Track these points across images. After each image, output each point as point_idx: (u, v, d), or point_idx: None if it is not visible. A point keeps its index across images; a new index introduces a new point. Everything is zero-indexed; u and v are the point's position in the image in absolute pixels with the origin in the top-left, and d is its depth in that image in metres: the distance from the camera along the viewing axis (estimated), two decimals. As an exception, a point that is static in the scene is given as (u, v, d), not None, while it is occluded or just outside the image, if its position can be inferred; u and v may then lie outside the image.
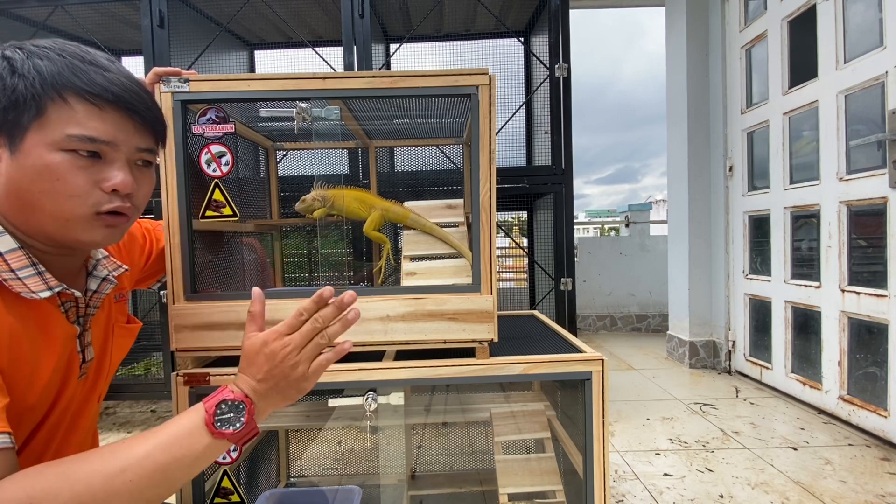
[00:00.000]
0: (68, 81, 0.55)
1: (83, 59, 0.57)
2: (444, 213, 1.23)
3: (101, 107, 0.56)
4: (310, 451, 1.73)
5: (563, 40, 1.95)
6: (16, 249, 0.57)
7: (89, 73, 0.56)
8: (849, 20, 1.97)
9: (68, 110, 0.55)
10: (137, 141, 0.60)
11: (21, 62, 0.54)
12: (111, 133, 0.57)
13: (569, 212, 1.98)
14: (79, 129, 0.55)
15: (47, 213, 0.56)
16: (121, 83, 0.58)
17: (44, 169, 0.54)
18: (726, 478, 1.58)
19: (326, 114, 0.96)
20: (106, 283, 0.69)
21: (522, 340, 1.09)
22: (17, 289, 0.56)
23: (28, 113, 0.54)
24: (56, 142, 0.54)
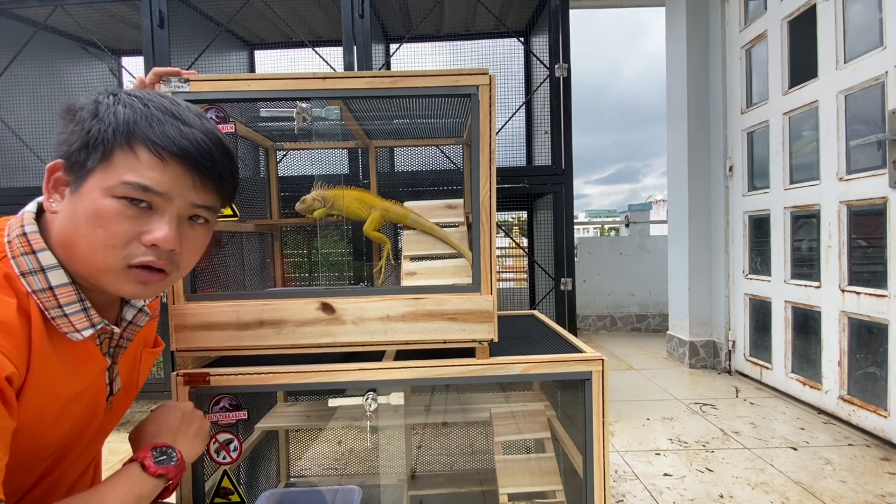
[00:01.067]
0: (140, 131, 0.54)
1: (165, 111, 0.56)
2: (444, 213, 1.23)
3: (164, 159, 0.55)
4: (310, 451, 1.73)
5: (563, 40, 1.95)
6: (67, 284, 0.56)
7: (165, 124, 0.55)
8: (849, 20, 1.97)
9: (133, 159, 0.54)
10: (195, 197, 0.58)
11: (105, 107, 0.55)
12: (167, 185, 0.55)
13: (569, 212, 1.98)
14: (135, 176, 0.54)
15: (82, 257, 0.55)
16: (193, 138, 0.57)
17: (93, 213, 0.54)
18: (726, 478, 1.58)
19: (326, 114, 0.96)
20: (142, 315, 0.68)
21: (522, 340, 1.09)
22: (64, 329, 0.56)
23: (95, 155, 0.54)
24: (111, 187, 0.54)
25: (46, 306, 0.55)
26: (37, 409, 0.54)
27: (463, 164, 1.48)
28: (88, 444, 0.66)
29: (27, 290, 0.54)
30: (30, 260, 0.55)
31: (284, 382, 0.86)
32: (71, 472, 0.66)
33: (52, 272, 0.55)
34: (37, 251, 0.55)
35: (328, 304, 0.87)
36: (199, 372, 0.86)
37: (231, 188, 0.63)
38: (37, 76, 2.19)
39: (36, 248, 0.55)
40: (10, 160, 2.16)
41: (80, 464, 0.67)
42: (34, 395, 0.53)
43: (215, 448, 0.92)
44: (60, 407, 0.57)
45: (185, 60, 2.06)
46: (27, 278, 0.54)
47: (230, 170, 0.61)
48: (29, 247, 0.55)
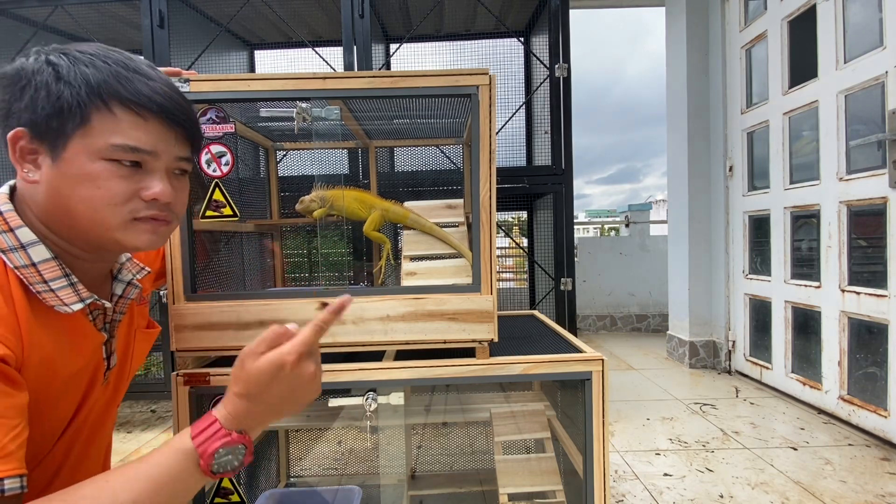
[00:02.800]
0: (114, 90, 0.55)
1: (127, 67, 0.57)
2: (444, 213, 1.23)
3: (145, 117, 0.56)
4: (310, 451, 1.73)
5: (563, 40, 1.95)
6: (49, 260, 0.57)
7: (134, 81, 0.56)
8: (849, 20, 1.97)
9: (112, 119, 0.55)
10: (177, 150, 0.61)
11: (67, 69, 0.54)
12: (153, 143, 0.57)
13: (569, 212, 1.98)
14: (122, 138, 0.55)
15: (87, 220, 0.56)
16: (164, 93, 0.58)
17: (85, 177, 0.54)
18: (726, 478, 1.58)
19: (326, 114, 0.96)
20: (131, 288, 0.69)
21: (522, 340, 1.09)
22: (51, 302, 0.56)
23: (73, 121, 0.53)
24: (98, 150, 0.54)
25: (31, 281, 0.55)
26: (37, 387, 0.54)
27: (463, 164, 1.48)
28: (96, 424, 0.66)
29: (8, 266, 0.54)
30: (8, 237, 0.55)
31: (284, 382, 0.86)
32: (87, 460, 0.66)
33: (33, 248, 0.56)
34: (14, 228, 0.56)
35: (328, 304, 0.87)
36: (199, 372, 0.86)
37: (199, 135, 0.65)
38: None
39: (13, 226, 0.56)
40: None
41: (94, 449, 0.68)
42: (32, 374, 0.53)
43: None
44: (61, 383, 0.58)
45: (185, 60, 2.06)
46: (7, 255, 0.55)
47: (196, 117, 0.64)
48: (6, 224, 0.55)
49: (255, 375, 0.53)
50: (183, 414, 0.86)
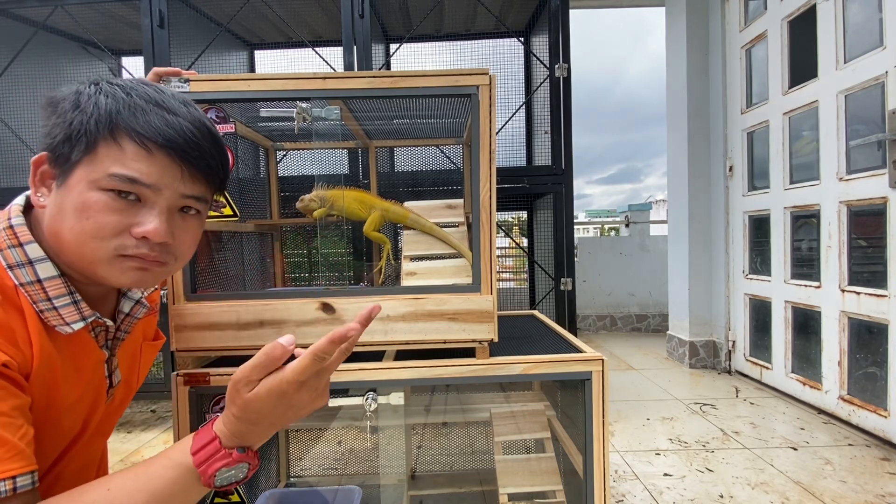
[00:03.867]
0: (123, 121, 0.53)
1: (149, 100, 0.55)
2: (444, 213, 1.23)
3: (150, 149, 0.54)
4: (310, 451, 1.73)
5: (562, 40, 1.95)
6: (55, 277, 0.56)
7: (149, 114, 0.54)
8: (849, 20, 1.97)
9: (118, 150, 0.53)
10: (184, 188, 0.57)
11: (87, 97, 0.53)
12: (155, 176, 0.54)
13: (569, 212, 1.98)
14: (121, 168, 0.53)
15: (72, 251, 0.54)
16: (179, 127, 0.55)
17: (78, 206, 0.52)
18: (726, 478, 1.58)
19: (326, 114, 0.96)
20: (139, 307, 0.67)
21: (522, 340, 1.09)
22: (53, 322, 0.56)
23: (78, 148, 0.52)
24: (97, 180, 0.52)
25: (35, 299, 0.54)
26: (42, 402, 0.54)
27: (463, 164, 1.48)
28: (91, 438, 0.66)
29: (14, 283, 0.54)
30: (17, 253, 0.54)
31: (284, 382, 0.86)
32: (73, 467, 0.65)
33: (40, 265, 0.55)
34: (24, 244, 0.55)
35: (328, 304, 0.87)
36: (199, 372, 0.86)
37: (221, 177, 0.62)
38: (37, 76, 2.19)
39: (23, 241, 0.55)
40: (10, 160, 2.16)
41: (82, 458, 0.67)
42: (39, 387, 0.53)
43: None
44: (65, 399, 0.57)
45: (185, 60, 2.06)
46: (14, 271, 0.54)
47: (219, 159, 0.60)
48: (16, 239, 0.55)
49: (253, 403, 0.51)
50: (183, 414, 0.86)
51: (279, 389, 0.50)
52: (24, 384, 0.51)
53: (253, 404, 0.51)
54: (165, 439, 1.98)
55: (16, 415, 0.49)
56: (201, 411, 0.89)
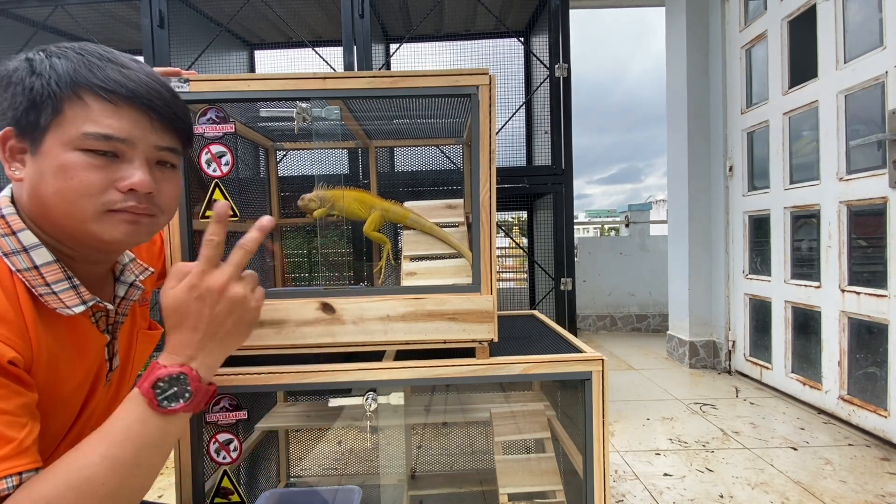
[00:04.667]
0: (84, 78, 0.53)
1: (101, 57, 0.55)
2: (444, 213, 1.23)
3: (117, 103, 0.54)
4: (310, 451, 1.73)
5: (563, 40, 1.95)
6: (51, 262, 0.56)
7: (105, 69, 0.55)
8: (849, 20, 1.97)
9: (84, 108, 0.53)
10: (156, 139, 0.58)
11: (40, 62, 0.54)
12: (126, 130, 0.55)
13: (569, 212, 1.98)
14: (93, 126, 0.53)
15: (61, 213, 0.54)
16: (138, 79, 0.56)
17: (59, 168, 0.53)
18: (726, 478, 1.58)
19: (326, 114, 0.96)
20: (133, 290, 0.69)
21: (522, 340, 1.08)
22: (53, 304, 0.56)
23: (45, 112, 0.53)
24: (72, 140, 0.53)
25: (33, 284, 0.55)
26: (44, 388, 0.54)
27: (463, 164, 1.48)
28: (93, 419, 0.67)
29: (11, 270, 0.54)
30: (10, 241, 0.55)
31: (284, 382, 0.86)
32: None
33: (35, 251, 0.56)
34: (17, 231, 0.55)
35: (328, 304, 0.87)
36: (199, 372, 0.86)
37: (187, 126, 0.62)
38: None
39: (15, 229, 0.56)
40: None
41: None
42: (40, 376, 0.54)
43: (215, 448, 0.92)
44: (66, 385, 0.58)
45: (185, 60, 2.06)
46: (10, 258, 0.55)
47: (182, 107, 0.61)
48: (8, 228, 0.55)
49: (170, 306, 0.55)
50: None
51: (187, 282, 0.54)
52: (29, 381, 0.52)
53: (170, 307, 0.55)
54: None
55: (21, 413, 0.49)
56: (201, 411, 0.89)
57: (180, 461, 0.87)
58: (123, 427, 0.51)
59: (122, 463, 0.50)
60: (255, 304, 0.59)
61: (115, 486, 0.49)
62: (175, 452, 0.87)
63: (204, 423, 0.90)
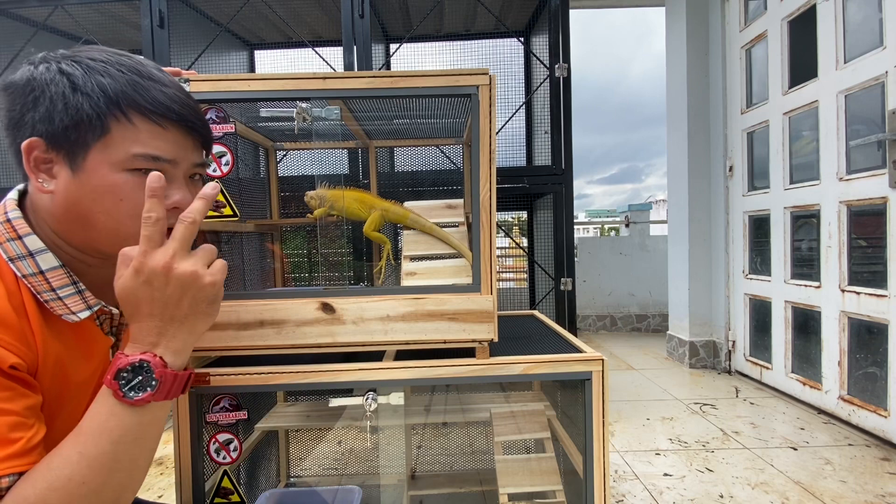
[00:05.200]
0: (132, 100, 0.55)
1: (141, 74, 0.57)
2: (444, 213, 1.23)
3: (164, 126, 0.57)
4: (310, 451, 1.73)
5: (563, 40, 1.95)
6: (57, 268, 0.56)
7: (150, 90, 0.56)
8: (849, 20, 1.97)
9: (132, 129, 0.55)
10: (194, 157, 0.61)
11: (83, 79, 0.54)
12: (173, 152, 0.58)
13: (569, 212, 1.98)
14: (142, 147, 0.55)
15: (107, 231, 0.56)
16: (179, 100, 0.58)
17: (109, 189, 0.54)
18: (726, 478, 1.58)
19: (326, 114, 0.96)
20: None
21: (522, 340, 1.08)
22: (59, 311, 0.56)
23: (93, 133, 0.54)
24: (120, 161, 0.54)
25: (38, 290, 0.55)
26: (51, 392, 0.55)
27: (463, 164, 1.48)
28: None
29: (16, 275, 0.54)
30: (16, 245, 0.55)
31: (284, 382, 0.86)
32: None
33: (41, 256, 0.56)
34: (23, 236, 0.56)
35: (328, 304, 0.87)
36: (198, 372, 0.86)
37: (212, 139, 0.66)
38: (37, 76, 2.19)
39: (21, 234, 0.56)
40: (10, 160, 2.16)
41: None
42: (47, 380, 0.54)
43: (215, 448, 0.92)
44: (72, 388, 0.58)
45: (185, 60, 2.06)
46: (16, 263, 0.55)
47: (206, 120, 0.64)
48: (14, 232, 0.55)
49: (121, 295, 0.52)
50: (183, 414, 0.86)
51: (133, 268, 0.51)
52: (34, 384, 0.52)
53: (120, 294, 0.52)
54: (165, 439, 1.98)
55: (28, 414, 0.50)
56: (201, 411, 0.89)
57: (180, 461, 0.87)
58: (96, 423, 0.50)
59: (98, 460, 0.49)
60: (209, 279, 0.54)
61: (97, 485, 0.48)
62: (175, 452, 0.87)
63: (204, 423, 0.90)
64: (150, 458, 0.54)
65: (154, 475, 1.68)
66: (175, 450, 0.87)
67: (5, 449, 0.47)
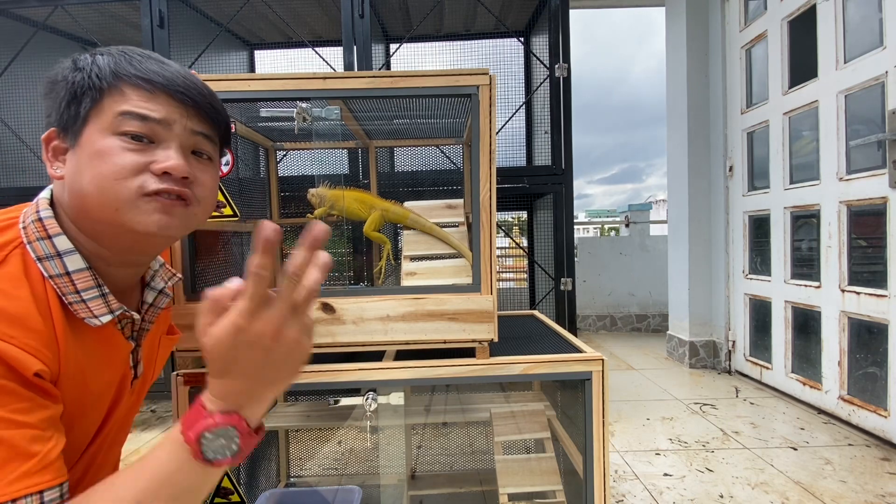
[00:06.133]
0: (123, 70, 0.55)
1: (142, 54, 0.58)
2: (444, 213, 1.23)
3: (153, 91, 0.56)
4: (310, 451, 1.73)
5: (563, 40, 1.95)
6: (84, 269, 0.56)
7: (144, 62, 0.57)
8: (849, 20, 1.97)
9: (122, 95, 0.55)
10: (192, 124, 0.58)
11: (84, 60, 0.56)
12: (162, 112, 0.56)
13: (569, 212, 1.98)
14: (129, 106, 0.55)
15: (95, 200, 0.54)
16: (175, 72, 0.58)
17: (95, 154, 0.54)
18: (726, 478, 1.58)
19: (326, 114, 0.96)
20: (162, 297, 0.68)
21: (522, 340, 1.08)
22: (82, 314, 0.56)
23: (85, 102, 0.54)
24: (109, 125, 0.54)
25: (64, 291, 0.55)
26: (70, 398, 0.54)
27: (463, 164, 1.48)
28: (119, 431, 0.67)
29: (43, 276, 0.54)
30: (45, 245, 0.55)
31: (284, 382, 0.86)
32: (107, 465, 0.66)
33: (69, 257, 0.55)
34: (52, 236, 0.55)
35: (328, 304, 0.87)
36: (199, 372, 0.86)
37: (223, 118, 0.63)
38: (37, 76, 2.19)
39: (52, 233, 0.55)
40: (10, 160, 2.16)
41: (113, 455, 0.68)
42: (67, 385, 0.53)
43: None
44: (92, 394, 0.58)
45: (185, 60, 2.06)
46: (43, 263, 0.54)
47: (218, 101, 0.62)
48: (45, 231, 0.55)
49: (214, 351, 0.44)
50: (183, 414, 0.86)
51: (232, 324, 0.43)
52: (55, 393, 0.51)
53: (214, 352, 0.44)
54: (165, 439, 1.98)
55: (45, 426, 0.48)
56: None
57: (180, 461, 0.87)
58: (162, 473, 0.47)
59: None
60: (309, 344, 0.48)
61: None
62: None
63: None
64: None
65: (154, 475, 1.67)
66: (175, 450, 0.87)
67: (21, 466, 0.45)
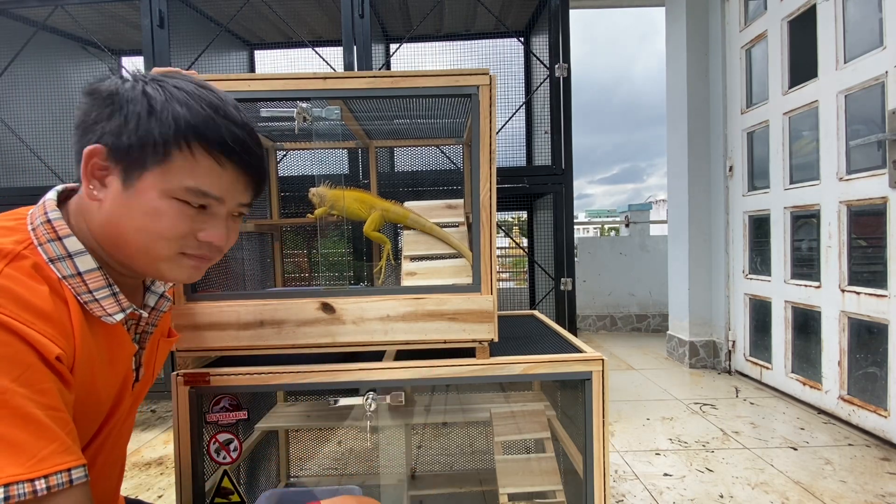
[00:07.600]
0: (201, 135, 0.56)
1: (218, 112, 0.58)
2: (444, 213, 1.23)
3: (223, 164, 0.58)
4: (310, 451, 1.73)
5: (562, 40, 1.95)
6: (94, 270, 0.57)
7: (220, 127, 0.57)
8: (849, 20, 1.97)
9: (192, 162, 0.56)
10: (243, 198, 0.62)
11: (161, 105, 0.55)
12: (224, 191, 0.59)
13: (569, 212, 1.98)
14: (196, 182, 0.56)
15: (138, 249, 0.57)
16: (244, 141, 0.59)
17: (152, 211, 0.56)
18: (726, 478, 1.58)
19: (327, 114, 0.96)
20: (164, 301, 0.70)
21: (522, 340, 1.08)
22: (97, 312, 0.57)
23: (154, 157, 0.55)
24: (171, 190, 0.56)
25: (78, 291, 0.56)
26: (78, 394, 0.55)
27: (463, 164, 1.48)
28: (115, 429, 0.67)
29: (58, 276, 0.55)
30: (56, 246, 0.56)
31: (284, 382, 0.86)
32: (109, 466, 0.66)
33: (80, 258, 0.56)
34: (62, 237, 0.56)
35: (328, 304, 0.87)
36: (199, 372, 0.86)
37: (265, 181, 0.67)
38: (37, 76, 2.19)
39: (61, 235, 0.56)
40: (10, 160, 2.16)
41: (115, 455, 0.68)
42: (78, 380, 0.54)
43: (215, 448, 0.92)
44: (98, 392, 0.58)
45: (185, 60, 2.06)
46: (56, 264, 0.55)
47: (265, 165, 0.65)
48: (55, 233, 0.56)
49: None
50: (183, 414, 0.86)
51: None
52: (71, 381, 0.52)
53: None
54: (165, 439, 1.98)
55: (64, 409, 0.50)
56: (201, 411, 0.89)
57: (180, 461, 0.87)
58: None
59: None
60: None
61: None
62: (175, 452, 0.87)
63: (204, 423, 0.90)
64: None
65: (154, 475, 1.68)
66: (175, 450, 0.87)
67: (49, 444, 0.46)
